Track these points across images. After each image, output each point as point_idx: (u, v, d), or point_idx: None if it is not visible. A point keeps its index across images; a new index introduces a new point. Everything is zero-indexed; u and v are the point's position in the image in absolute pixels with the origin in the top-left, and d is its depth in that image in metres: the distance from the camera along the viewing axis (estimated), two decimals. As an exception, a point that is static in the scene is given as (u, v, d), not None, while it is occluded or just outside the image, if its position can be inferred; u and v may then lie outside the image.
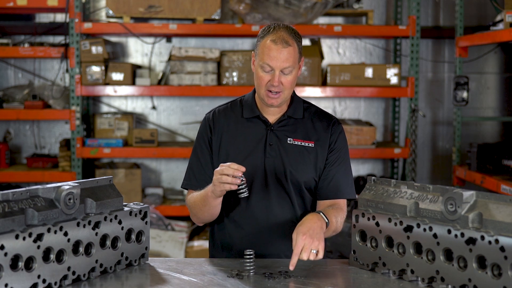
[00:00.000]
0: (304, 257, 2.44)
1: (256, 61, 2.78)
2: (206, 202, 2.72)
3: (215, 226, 2.91)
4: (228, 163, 2.57)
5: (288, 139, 2.82)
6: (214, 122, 2.88)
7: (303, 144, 2.82)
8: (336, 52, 6.27)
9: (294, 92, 2.91)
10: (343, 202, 2.85)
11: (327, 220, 2.62)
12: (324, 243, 2.51)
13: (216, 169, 2.60)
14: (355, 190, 2.91)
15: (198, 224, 2.95)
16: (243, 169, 2.55)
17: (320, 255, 2.48)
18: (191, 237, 5.70)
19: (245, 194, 2.58)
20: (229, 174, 2.53)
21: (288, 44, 2.71)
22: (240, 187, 2.56)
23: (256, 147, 2.81)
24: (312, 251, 2.46)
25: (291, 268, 2.44)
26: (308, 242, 2.46)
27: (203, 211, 2.77)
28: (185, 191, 5.84)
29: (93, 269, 2.36)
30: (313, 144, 2.83)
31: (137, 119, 6.15)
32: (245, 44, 6.20)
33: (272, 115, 2.86)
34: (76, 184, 2.33)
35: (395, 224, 2.40)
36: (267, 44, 2.72)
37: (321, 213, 2.62)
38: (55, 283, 2.22)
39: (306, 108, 2.90)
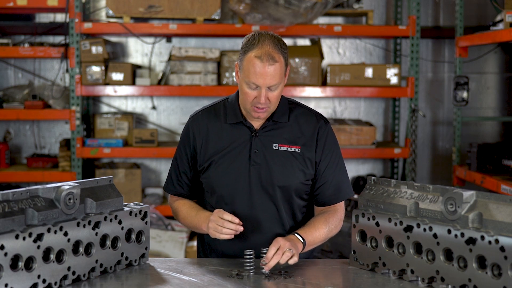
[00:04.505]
0: (279, 252, 2.46)
1: (240, 76, 2.67)
2: (198, 229, 2.74)
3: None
4: (226, 216, 2.55)
5: (274, 144, 2.73)
6: (199, 126, 2.79)
7: (289, 149, 2.73)
8: (336, 52, 6.27)
9: None
10: (339, 204, 2.81)
11: (303, 241, 2.63)
12: (298, 256, 2.52)
13: (212, 218, 2.58)
14: (352, 188, 2.86)
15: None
16: (241, 229, 2.55)
17: (295, 259, 2.49)
18: (191, 237, 5.70)
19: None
20: (232, 229, 2.54)
21: (275, 61, 2.59)
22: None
23: (241, 154, 2.72)
24: (288, 249, 2.48)
25: (266, 268, 2.45)
26: (284, 244, 2.49)
27: (192, 229, 2.81)
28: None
29: (93, 269, 2.36)
30: (299, 149, 2.73)
31: (137, 119, 6.16)
32: (245, 44, 6.19)
33: (256, 121, 2.75)
34: (76, 184, 2.33)
35: (395, 224, 2.40)
36: (252, 60, 2.61)
37: (296, 235, 2.63)
38: (55, 283, 2.22)
39: (292, 110, 2.79)
